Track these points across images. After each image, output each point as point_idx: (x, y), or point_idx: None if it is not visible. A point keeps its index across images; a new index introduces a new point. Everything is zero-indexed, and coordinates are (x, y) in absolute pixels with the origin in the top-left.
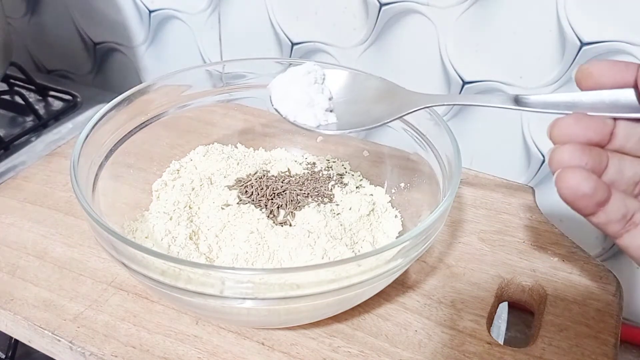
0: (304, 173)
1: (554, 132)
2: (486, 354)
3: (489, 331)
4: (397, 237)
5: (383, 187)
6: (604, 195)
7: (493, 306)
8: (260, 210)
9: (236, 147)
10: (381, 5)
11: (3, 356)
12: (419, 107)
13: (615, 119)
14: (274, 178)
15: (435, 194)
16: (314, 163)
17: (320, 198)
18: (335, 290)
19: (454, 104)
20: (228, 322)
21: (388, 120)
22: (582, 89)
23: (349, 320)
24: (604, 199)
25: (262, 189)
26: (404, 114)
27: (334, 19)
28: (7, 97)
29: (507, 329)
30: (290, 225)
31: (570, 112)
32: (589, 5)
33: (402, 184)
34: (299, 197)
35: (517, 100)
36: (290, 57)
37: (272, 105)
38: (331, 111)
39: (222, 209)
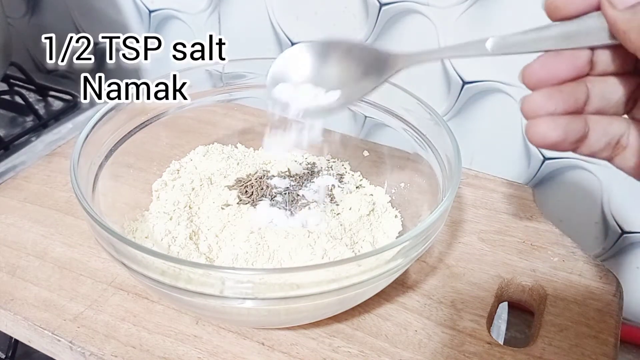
0: (304, 173)
1: (525, 80)
2: (486, 354)
3: (489, 331)
4: (397, 237)
5: (383, 187)
6: (578, 134)
7: (493, 306)
8: None
9: (236, 147)
10: (381, 5)
11: (3, 356)
12: (398, 68)
13: (590, 48)
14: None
15: (435, 194)
16: (314, 163)
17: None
18: (336, 290)
19: (434, 58)
20: (228, 322)
21: (370, 90)
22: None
23: (349, 320)
24: (579, 137)
25: (262, 189)
26: (387, 76)
27: (334, 19)
28: (7, 97)
29: (507, 329)
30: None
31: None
32: None
33: (402, 184)
34: (298, 197)
35: (491, 46)
36: None
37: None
38: (326, 91)
39: (222, 209)
